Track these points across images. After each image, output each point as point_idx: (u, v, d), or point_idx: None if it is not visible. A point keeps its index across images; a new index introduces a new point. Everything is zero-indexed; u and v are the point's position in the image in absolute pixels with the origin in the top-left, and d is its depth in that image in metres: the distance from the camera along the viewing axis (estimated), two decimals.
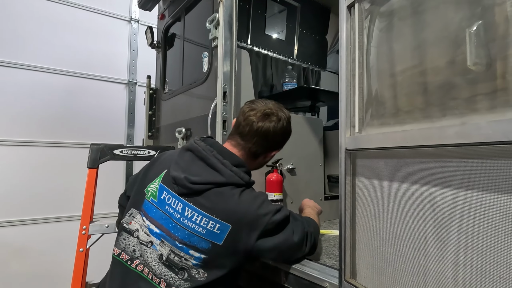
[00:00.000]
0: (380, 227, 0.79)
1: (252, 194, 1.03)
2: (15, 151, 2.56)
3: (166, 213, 1.01)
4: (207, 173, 1.01)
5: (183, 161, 1.06)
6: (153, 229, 1.02)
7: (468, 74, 0.57)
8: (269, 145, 1.13)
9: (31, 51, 2.65)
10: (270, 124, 1.08)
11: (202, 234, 0.96)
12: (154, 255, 1.00)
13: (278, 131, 1.10)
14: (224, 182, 0.99)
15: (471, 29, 0.55)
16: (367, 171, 0.84)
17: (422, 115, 0.67)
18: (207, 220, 0.96)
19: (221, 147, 1.09)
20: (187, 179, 0.99)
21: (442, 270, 0.64)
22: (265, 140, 1.10)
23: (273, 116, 1.10)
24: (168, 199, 1.02)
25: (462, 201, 0.60)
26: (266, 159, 1.18)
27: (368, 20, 0.84)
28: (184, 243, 0.97)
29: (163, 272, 0.97)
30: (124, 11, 3.12)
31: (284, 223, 1.02)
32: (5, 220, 2.50)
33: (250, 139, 1.10)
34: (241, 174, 1.03)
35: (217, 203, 0.97)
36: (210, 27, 1.58)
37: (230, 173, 1.01)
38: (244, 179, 1.03)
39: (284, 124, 1.12)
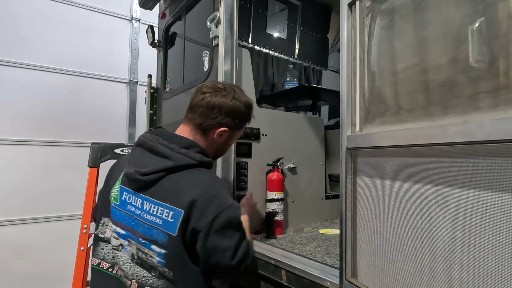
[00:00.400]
0: (381, 226, 0.79)
1: (206, 175, 0.99)
2: (16, 150, 2.56)
3: (128, 212, 1.00)
4: (155, 161, 0.98)
5: (134, 157, 1.05)
6: (120, 232, 1.01)
7: (470, 72, 0.57)
8: (215, 117, 1.07)
9: (33, 51, 2.65)
10: (219, 98, 1.06)
11: (159, 225, 0.93)
12: (126, 257, 0.99)
13: (226, 106, 1.07)
14: (174, 166, 0.96)
15: (473, 26, 0.55)
16: (368, 170, 0.83)
17: (424, 113, 0.67)
18: (162, 209, 0.93)
19: (168, 133, 1.06)
20: (137, 172, 0.97)
21: (443, 270, 0.63)
22: (211, 111, 1.06)
23: (224, 92, 1.08)
24: (129, 198, 1.01)
25: (464, 200, 0.59)
26: (221, 138, 1.11)
27: (369, 18, 0.83)
28: (146, 239, 0.95)
29: (135, 273, 0.96)
30: (125, 10, 3.12)
31: (233, 226, 0.97)
32: (6, 219, 2.51)
33: (196, 110, 1.08)
34: (191, 154, 0.99)
35: (169, 189, 0.95)
36: (211, 25, 1.58)
37: (178, 155, 0.98)
38: (195, 158, 0.99)
39: (236, 103, 1.09)
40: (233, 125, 1.11)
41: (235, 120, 1.11)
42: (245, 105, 1.13)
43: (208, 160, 1.04)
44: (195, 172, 0.98)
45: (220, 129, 1.08)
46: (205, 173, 1.01)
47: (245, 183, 1.60)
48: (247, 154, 1.62)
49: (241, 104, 1.11)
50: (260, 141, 1.68)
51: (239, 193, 1.57)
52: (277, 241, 1.44)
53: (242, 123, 1.16)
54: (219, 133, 1.09)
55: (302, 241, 1.45)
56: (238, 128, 1.15)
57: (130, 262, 0.98)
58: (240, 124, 1.14)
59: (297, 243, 1.42)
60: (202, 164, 1.02)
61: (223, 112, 1.07)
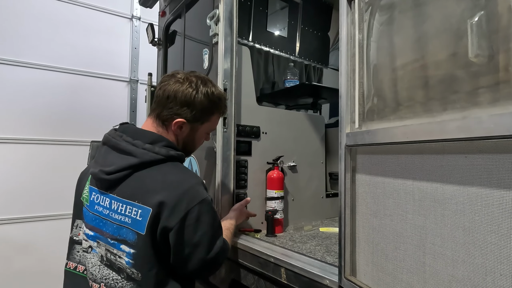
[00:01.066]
0: (380, 224, 0.78)
1: (175, 171, 0.95)
2: (18, 149, 2.57)
3: (95, 212, 0.97)
4: (120, 159, 0.94)
5: (100, 156, 1.02)
6: (88, 233, 0.99)
7: (470, 67, 0.56)
8: (171, 107, 1.00)
9: (34, 50, 2.66)
10: (174, 86, 1.00)
11: (128, 224, 0.90)
12: (95, 259, 0.97)
13: (181, 95, 0.99)
14: (139, 163, 0.92)
15: (473, 20, 0.54)
16: (367, 167, 0.83)
17: (423, 109, 0.66)
18: (131, 208, 0.90)
19: (133, 129, 1.02)
20: (102, 172, 0.94)
21: (442, 267, 0.63)
22: (167, 101, 1.00)
23: (180, 80, 1.01)
24: (97, 198, 0.98)
25: (463, 197, 0.59)
26: (182, 130, 1.04)
27: (368, 13, 0.82)
28: (115, 239, 0.92)
29: (104, 276, 0.93)
30: (125, 8, 3.12)
31: (206, 220, 0.93)
32: (9, 217, 2.52)
33: (156, 100, 1.03)
34: (156, 149, 0.95)
35: (137, 187, 0.91)
36: (211, 23, 1.57)
37: (142, 151, 0.94)
38: (161, 153, 0.94)
39: (193, 92, 1.00)
40: (191, 116, 1.02)
41: (193, 111, 1.02)
42: (205, 95, 1.02)
43: (176, 154, 0.98)
44: (162, 168, 0.94)
45: (176, 120, 1.01)
46: (175, 168, 0.96)
47: (245, 181, 1.60)
48: (247, 152, 1.62)
49: (200, 95, 1.01)
50: (260, 139, 1.67)
51: (239, 191, 1.57)
52: (277, 239, 1.44)
53: (204, 115, 1.06)
54: (177, 124, 1.02)
55: (302, 239, 1.45)
56: (199, 120, 1.05)
57: (99, 264, 0.95)
58: (201, 116, 1.04)
59: (297, 241, 1.42)
60: (170, 158, 0.96)
61: (178, 102, 1.00)
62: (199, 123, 1.06)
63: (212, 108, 1.07)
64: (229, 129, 1.52)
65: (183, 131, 1.04)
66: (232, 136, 1.52)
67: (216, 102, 1.07)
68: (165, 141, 0.99)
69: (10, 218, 2.52)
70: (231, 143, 1.52)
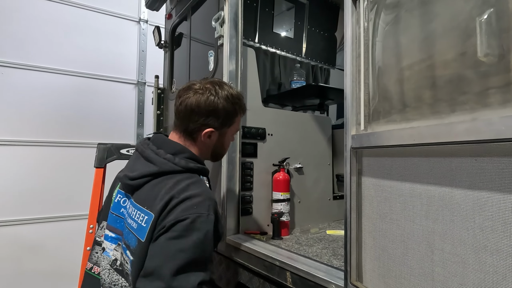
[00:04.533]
0: (386, 228, 0.76)
1: (188, 180, 0.91)
2: (27, 151, 2.62)
3: (120, 215, 0.97)
4: (143, 166, 0.96)
5: (130, 161, 1.04)
6: (108, 234, 0.99)
7: (479, 67, 0.54)
8: (197, 120, 1.00)
9: (43, 53, 2.71)
10: (194, 99, 0.99)
11: (134, 230, 0.89)
12: (105, 262, 0.96)
13: (204, 106, 0.99)
14: (158, 172, 0.92)
15: (482, 17, 0.52)
16: (373, 170, 0.81)
17: (430, 111, 0.64)
18: (140, 214, 0.89)
19: (161, 138, 1.02)
20: (126, 177, 0.96)
21: (452, 274, 0.61)
22: (191, 114, 0.99)
23: (199, 91, 1.00)
24: (123, 201, 0.99)
25: (473, 201, 0.57)
26: (211, 139, 1.04)
27: (373, 13, 0.80)
28: (125, 243, 0.91)
29: (113, 281, 0.92)
30: (133, 12, 3.15)
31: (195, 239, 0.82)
32: (20, 218, 2.57)
33: (178, 116, 1.03)
34: (176, 160, 0.95)
35: (150, 194, 0.91)
36: (216, 25, 1.57)
37: (162, 161, 0.94)
38: (180, 164, 0.94)
39: (214, 99, 1.00)
40: (218, 124, 1.03)
41: (219, 118, 1.02)
42: (227, 99, 1.02)
43: (196, 167, 0.97)
44: (177, 177, 0.92)
45: (205, 131, 1.02)
46: (189, 179, 0.93)
47: (250, 183, 1.59)
48: (253, 154, 1.61)
49: (221, 100, 1.01)
50: (266, 141, 1.66)
51: (245, 194, 1.56)
52: (283, 242, 1.43)
53: (230, 119, 1.06)
54: (206, 134, 1.02)
55: (309, 242, 1.43)
56: (226, 124, 1.06)
57: (109, 268, 0.94)
58: (227, 120, 1.05)
59: (303, 244, 1.40)
60: (189, 170, 0.95)
61: (203, 113, 1.00)
62: (226, 127, 1.07)
63: (235, 110, 1.07)
64: None
65: (212, 139, 1.05)
66: (238, 138, 1.51)
67: (238, 103, 1.07)
68: (188, 153, 0.99)
69: (21, 219, 2.57)
70: (236, 145, 1.51)
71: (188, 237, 0.81)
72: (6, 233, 2.52)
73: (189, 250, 0.81)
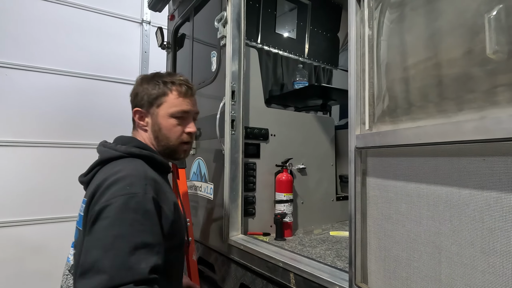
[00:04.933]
0: (392, 229, 0.75)
1: (125, 164, 0.86)
2: (30, 152, 2.62)
3: (78, 218, 0.92)
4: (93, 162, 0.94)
5: None
6: (73, 240, 0.95)
7: (488, 64, 0.53)
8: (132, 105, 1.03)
9: (46, 54, 2.72)
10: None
11: (78, 223, 0.84)
12: (65, 268, 0.93)
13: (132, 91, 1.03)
14: (100, 161, 0.90)
15: (491, 14, 0.51)
16: (378, 170, 0.80)
17: (437, 109, 0.63)
18: (82, 205, 0.86)
19: (119, 136, 1.02)
20: (81, 176, 0.96)
21: (460, 276, 0.59)
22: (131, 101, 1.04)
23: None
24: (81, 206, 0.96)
25: (482, 202, 0.55)
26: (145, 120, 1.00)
27: (378, 11, 0.80)
28: (74, 243, 0.88)
29: (69, 286, 0.88)
30: (136, 13, 3.16)
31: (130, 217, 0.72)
32: (22, 219, 2.57)
33: None
34: (117, 146, 0.92)
35: (92, 183, 0.87)
36: (218, 25, 1.57)
37: (104, 150, 0.93)
38: (120, 149, 0.90)
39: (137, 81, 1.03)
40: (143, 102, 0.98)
41: (142, 99, 0.98)
42: (149, 78, 1.00)
43: (139, 151, 0.91)
44: (117, 162, 0.88)
45: (133, 111, 1.01)
46: (127, 162, 0.87)
47: (253, 184, 1.58)
48: (256, 154, 1.60)
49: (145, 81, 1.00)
50: (269, 141, 1.65)
51: (247, 194, 1.55)
52: (286, 243, 1.42)
53: (156, 99, 0.98)
54: (136, 115, 1.00)
55: (312, 243, 1.42)
56: (154, 104, 0.98)
57: (68, 274, 0.90)
58: (153, 100, 0.98)
59: (306, 245, 1.39)
60: (130, 155, 0.90)
61: (132, 99, 1.03)
62: (155, 106, 0.98)
63: (160, 89, 0.98)
64: (237, 132, 1.51)
65: (146, 121, 1.00)
66: (240, 139, 1.51)
67: (166, 82, 0.99)
68: (136, 142, 0.97)
69: (23, 220, 2.57)
70: (239, 145, 1.51)
71: (124, 220, 0.71)
72: (9, 234, 2.52)
73: (129, 234, 0.70)
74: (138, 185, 0.78)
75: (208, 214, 1.70)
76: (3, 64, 2.55)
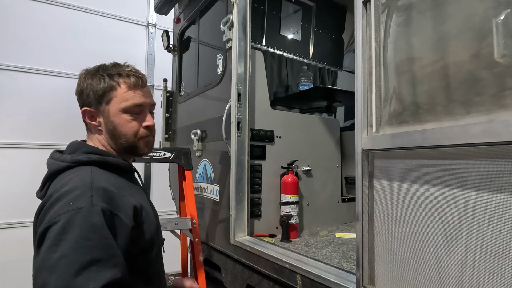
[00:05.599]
0: (400, 231, 0.75)
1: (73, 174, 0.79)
2: (38, 154, 2.66)
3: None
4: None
5: None
6: None
7: (495, 68, 0.53)
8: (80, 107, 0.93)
9: (55, 58, 2.76)
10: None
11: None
12: None
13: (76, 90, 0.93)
14: (48, 176, 0.83)
15: (498, 18, 0.51)
16: (385, 172, 0.80)
17: (444, 112, 0.63)
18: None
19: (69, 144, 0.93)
20: (37, 192, 0.89)
21: (468, 278, 0.60)
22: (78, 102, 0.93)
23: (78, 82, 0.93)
24: None
25: (490, 204, 0.56)
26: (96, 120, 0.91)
27: (385, 15, 0.80)
28: None
29: None
30: (141, 16, 3.20)
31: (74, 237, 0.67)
32: (30, 220, 2.60)
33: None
34: (63, 156, 0.85)
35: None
36: (224, 28, 1.58)
37: (51, 162, 0.86)
38: (65, 160, 0.83)
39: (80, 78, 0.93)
40: (90, 101, 0.90)
41: (88, 97, 0.89)
42: (90, 74, 0.91)
43: (87, 158, 0.84)
44: (63, 175, 0.81)
45: (82, 111, 0.91)
46: (75, 172, 0.80)
47: (259, 185, 1.59)
48: (261, 156, 1.61)
49: (86, 78, 0.91)
50: (274, 143, 1.66)
51: (253, 196, 1.56)
52: (292, 245, 1.42)
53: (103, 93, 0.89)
54: (85, 116, 0.91)
55: (318, 245, 1.42)
56: (103, 101, 0.89)
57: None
58: (99, 95, 0.89)
59: (312, 247, 1.39)
60: (79, 163, 0.83)
61: (78, 98, 0.92)
62: (104, 103, 0.89)
63: (106, 81, 0.89)
64: (243, 134, 1.52)
65: (99, 121, 0.91)
66: (246, 141, 1.52)
67: (112, 75, 0.90)
68: (85, 147, 0.88)
69: (31, 221, 2.60)
70: (245, 147, 1.52)
71: (67, 240, 0.66)
72: (17, 235, 2.56)
73: (72, 254, 0.65)
74: (83, 198, 0.72)
75: (214, 216, 1.71)
76: (12, 68, 2.60)
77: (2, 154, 2.57)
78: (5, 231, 2.55)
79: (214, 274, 1.75)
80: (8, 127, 2.58)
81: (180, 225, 1.55)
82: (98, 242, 0.69)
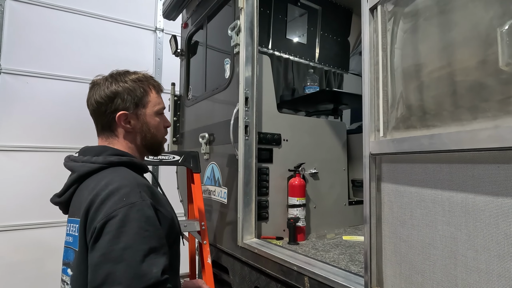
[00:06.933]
0: (407, 234, 0.77)
1: (111, 175, 0.83)
2: (50, 157, 2.72)
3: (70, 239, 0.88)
4: (67, 180, 0.90)
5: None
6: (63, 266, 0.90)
7: (501, 75, 0.55)
8: (105, 111, 0.93)
9: (65, 63, 2.82)
10: (96, 92, 0.93)
11: (70, 244, 0.82)
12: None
13: (103, 93, 0.92)
14: (78, 177, 0.86)
15: (503, 28, 0.53)
16: (393, 176, 0.82)
17: (451, 118, 0.65)
18: (72, 225, 0.83)
19: (85, 147, 0.95)
20: (55, 196, 0.92)
21: (476, 281, 0.61)
22: (99, 107, 0.93)
23: (96, 86, 0.94)
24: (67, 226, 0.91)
25: (497, 208, 0.57)
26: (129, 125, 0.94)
27: (391, 22, 0.82)
28: (64, 263, 0.84)
29: None
30: (149, 21, 3.25)
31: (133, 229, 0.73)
32: (42, 221, 2.66)
33: (93, 118, 0.97)
34: (93, 158, 0.88)
35: (77, 201, 0.85)
36: (232, 34, 1.61)
37: (79, 165, 0.88)
38: (97, 161, 0.86)
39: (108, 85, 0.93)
40: (129, 105, 0.93)
41: (126, 100, 0.93)
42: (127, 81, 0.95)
43: (120, 160, 0.88)
44: (99, 175, 0.85)
45: (118, 115, 0.92)
46: (113, 173, 0.85)
47: (266, 188, 1.61)
48: (268, 159, 1.63)
49: (121, 83, 0.94)
50: (281, 146, 1.68)
51: (261, 199, 1.58)
52: (300, 247, 1.43)
53: (141, 99, 0.94)
54: (121, 119, 0.92)
55: (325, 248, 1.43)
56: (139, 105, 0.95)
57: None
58: (137, 101, 0.94)
59: (320, 249, 1.41)
60: (112, 165, 0.87)
61: (107, 102, 0.92)
62: (141, 107, 0.95)
63: (143, 89, 0.95)
64: (251, 137, 1.54)
65: (133, 124, 0.94)
66: (254, 144, 1.54)
67: (142, 81, 0.96)
68: (110, 150, 0.91)
69: (43, 222, 2.66)
70: (252, 150, 1.54)
71: (128, 231, 0.72)
72: (30, 236, 2.62)
73: (135, 244, 0.72)
74: (133, 194, 0.78)
75: (222, 218, 1.73)
76: (24, 73, 2.67)
77: (15, 157, 2.63)
78: (17, 233, 2.60)
79: (222, 276, 1.77)
80: (20, 131, 2.65)
81: (189, 227, 1.58)
82: (153, 232, 0.76)
